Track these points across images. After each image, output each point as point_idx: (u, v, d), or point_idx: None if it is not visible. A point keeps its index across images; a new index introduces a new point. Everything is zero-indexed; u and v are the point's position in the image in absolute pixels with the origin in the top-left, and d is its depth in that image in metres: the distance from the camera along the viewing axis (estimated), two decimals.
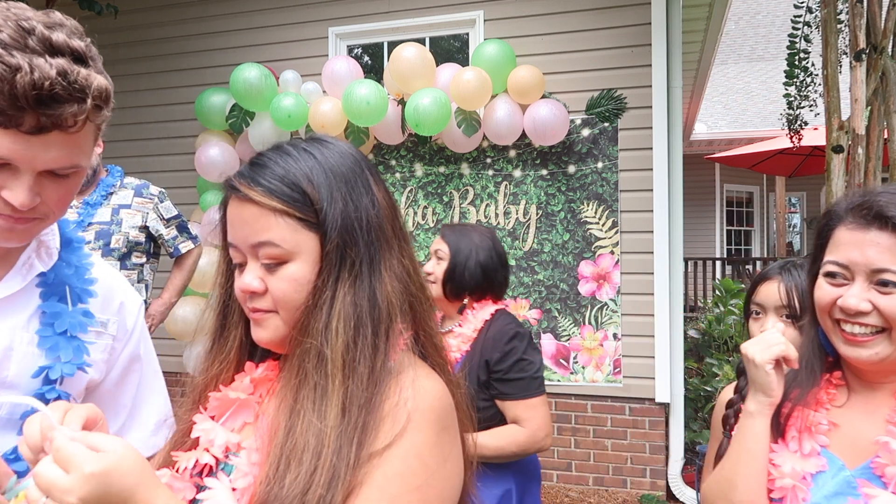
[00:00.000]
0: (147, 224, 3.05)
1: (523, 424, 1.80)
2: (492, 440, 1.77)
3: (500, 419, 1.84)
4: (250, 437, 0.82)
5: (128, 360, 1.11)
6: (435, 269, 1.94)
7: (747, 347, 1.08)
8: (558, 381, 4.04)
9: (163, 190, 3.16)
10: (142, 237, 3.04)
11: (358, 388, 0.75)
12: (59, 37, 0.81)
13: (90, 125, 0.86)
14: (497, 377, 1.81)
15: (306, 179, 0.79)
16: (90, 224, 2.94)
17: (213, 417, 0.85)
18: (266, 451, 0.76)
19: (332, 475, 0.70)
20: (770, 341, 1.08)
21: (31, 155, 0.82)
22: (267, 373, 0.87)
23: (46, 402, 0.91)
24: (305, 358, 0.77)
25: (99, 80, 0.85)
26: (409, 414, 0.75)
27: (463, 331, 1.91)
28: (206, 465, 0.83)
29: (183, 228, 3.17)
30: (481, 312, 1.92)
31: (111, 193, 3.02)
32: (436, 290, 1.93)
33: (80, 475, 0.61)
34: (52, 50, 0.81)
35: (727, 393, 1.58)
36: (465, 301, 1.98)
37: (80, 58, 0.84)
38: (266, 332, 0.82)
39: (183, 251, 3.17)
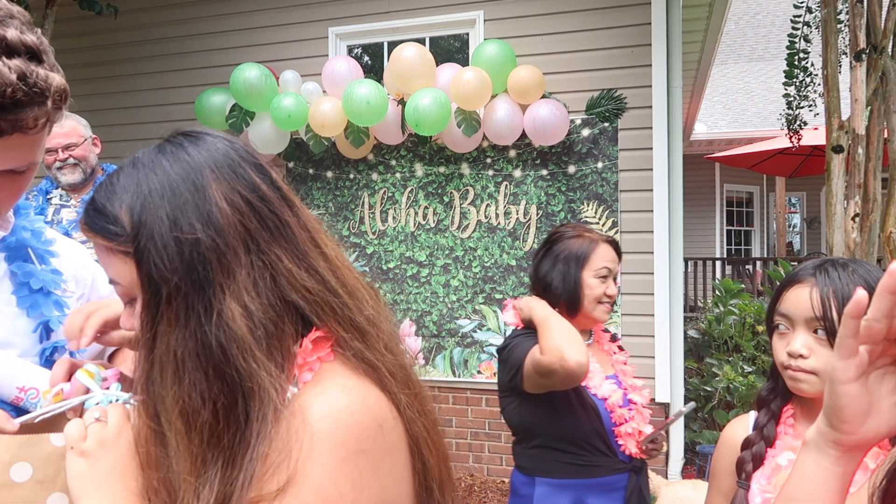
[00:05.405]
0: None
1: None
2: None
3: None
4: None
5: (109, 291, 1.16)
6: (614, 289, 1.80)
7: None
8: None
9: None
10: None
11: (202, 441, 0.66)
12: (13, 34, 0.78)
13: (48, 124, 0.85)
14: None
15: (121, 204, 0.69)
16: None
17: None
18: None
19: None
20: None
21: None
22: None
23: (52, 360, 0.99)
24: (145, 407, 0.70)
25: (57, 79, 0.82)
26: (305, 441, 0.63)
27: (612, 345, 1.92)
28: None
29: None
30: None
31: None
32: (606, 311, 1.79)
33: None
34: (8, 50, 0.77)
35: (739, 427, 1.22)
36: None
37: (35, 55, 0.80)
38: None
39: None
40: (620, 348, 1.93)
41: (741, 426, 1.22)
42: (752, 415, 1.21)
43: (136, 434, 0.73)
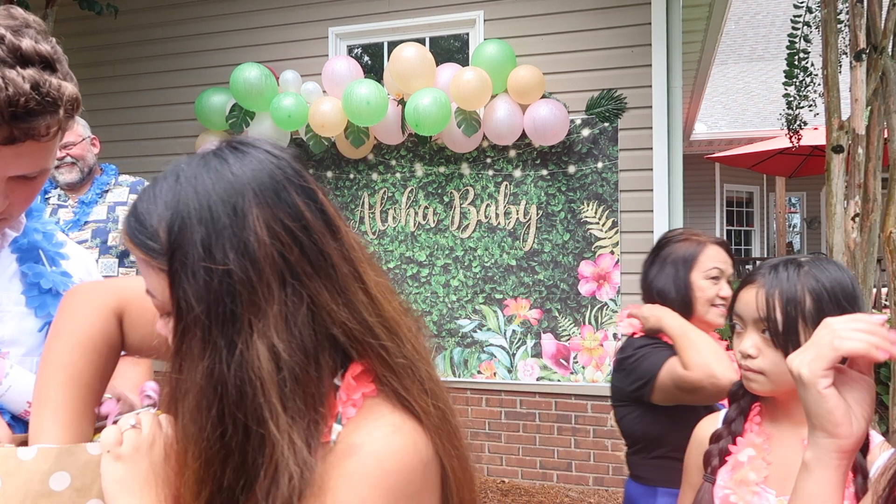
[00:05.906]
0: None
1: None
2: None
3: None
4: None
5: None
6: (728, 291, 1.70)
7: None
8: (558, 381, 4.04)
9: None
10: None
11: (198, 471, 0.65)
12: (27, 44, 0.80)
13: (60, 131, 0.87)
14: None
15: (161, 220, 0.67)
16: (87, 223, 2.94)
17: None
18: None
19: None
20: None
21: (3, 164, 0.83)
22: None
23: None
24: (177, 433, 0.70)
25: (69, 88, 0.84)
26: (354, 485, 0.62)
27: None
28: None
29: None
30: None
31: (106, 191, 3.02)
32: (721, 315, 1.68)
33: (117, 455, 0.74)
34: (23, 60, 0.79)
35: (709, 424, 1.24)
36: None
37: (48, 64, 0.82)
38: None
39: None
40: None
41: (711, 423, 1.23)
42: (723, 412, 1.23)
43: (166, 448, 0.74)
